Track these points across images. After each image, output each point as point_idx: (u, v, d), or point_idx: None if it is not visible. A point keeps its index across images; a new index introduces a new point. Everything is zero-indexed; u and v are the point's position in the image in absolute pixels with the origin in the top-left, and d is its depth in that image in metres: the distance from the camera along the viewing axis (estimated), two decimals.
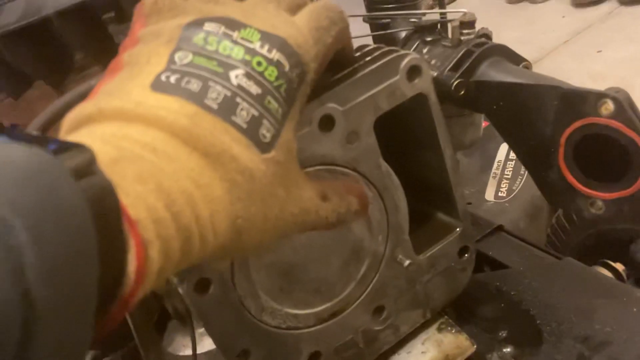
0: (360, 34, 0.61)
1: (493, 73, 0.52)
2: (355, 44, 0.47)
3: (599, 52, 2.43)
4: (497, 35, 0.60)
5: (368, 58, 0.43)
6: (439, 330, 0.54)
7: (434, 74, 0.55)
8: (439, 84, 0.54)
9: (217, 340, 0.42)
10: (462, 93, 0.53)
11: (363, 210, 0.39)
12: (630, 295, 0.53)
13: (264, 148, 0.30)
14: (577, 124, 0.44)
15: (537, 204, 1.04)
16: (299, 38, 0.32)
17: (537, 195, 0.50)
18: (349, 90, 0.41)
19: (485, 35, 0.58)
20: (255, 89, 0.30)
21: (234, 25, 0.31)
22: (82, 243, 0.20)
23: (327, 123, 0.40)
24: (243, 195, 0.28)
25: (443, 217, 0.53)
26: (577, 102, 0.44)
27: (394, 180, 0.45)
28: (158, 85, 0.28)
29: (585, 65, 2.36)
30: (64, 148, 0.22)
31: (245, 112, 0.29)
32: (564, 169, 0.46)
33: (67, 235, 0.19)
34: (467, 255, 0.52)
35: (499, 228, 0.70)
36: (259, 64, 0.30)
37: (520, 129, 0.50)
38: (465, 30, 0.57)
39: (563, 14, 2.86)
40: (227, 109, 0.28)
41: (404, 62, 0.42)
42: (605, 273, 0.62)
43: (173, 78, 0.29)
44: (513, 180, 1.08)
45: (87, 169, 0.22)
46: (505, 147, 1.01)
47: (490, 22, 0.74)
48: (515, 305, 0.56)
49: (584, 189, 0.45)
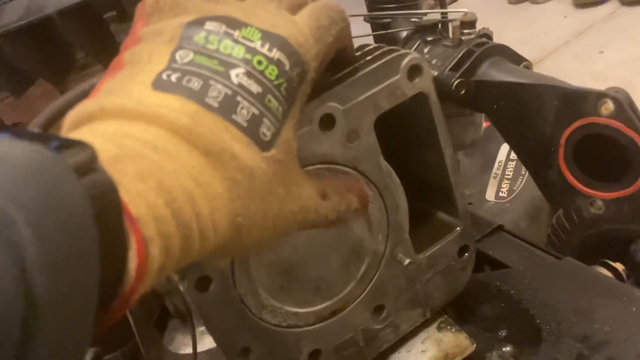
0: (361, 34, 0.61)
1: (494, 73, 0.52)
2: (356, 44, 0.47)
3: (601, 52, 2.43)
4: (498, 36, 0.60)
5: (369, 57, 0.43)
6: (439, 329, 0.54)
7: (435, 74, 0.56)
8: (440, 84, 0.54)
9: (217, 338, 0.42)
10: (462, 93, 0.53)
11: (363, 209, 0.39)
12: (630, 295, 0.53)
13: (264, 146, 0.30)
14: (577, 124, 0.44)
15: (537, 205, 1.04)
16: (300, 37, 0.32)
17: (537, 196, 0.50)
18: (350, 90, 0.41)
19: (486, 35, 0.58)
20: (256, 88, 0.30)
21: (235, 25, 0.31)
22: (83, 240, 0.20)
23: (327, 122, 0.40)
24: (243, 193, 0.29)
25: (443, 216, 0.53)
26: (577, 101, 0.44)
27: (394, 180, 0.45)
28: (159, 84, 0.28)
29: (587, 66, 2.35)
30: (66, 145, 0.22)
31: (246, 110, 0.29)
32: (564, 169, 0.46)
33: (68, 232, 0.20)
34: (467, 255, 0.52)
35: (499, 228, 0.70)
36: (260, 63, 0.30)
37: (521, 129, 0.50)
38: (466, 30, 0.58)
39: (565, 15, 2.86)
40: (227, 108, 0.29)
41: (405, 61, 0.42)
42: (605, 273, 0.62)
43: (174, 77, 0.29)
44: (514, 181, 1.08)
45: (88, 166, 0.22)
46: (506, 147, 1.01)
47: (492, 22, 0.74)
48: (515, 305, 0.56)
49: (584, 189, 0.45)
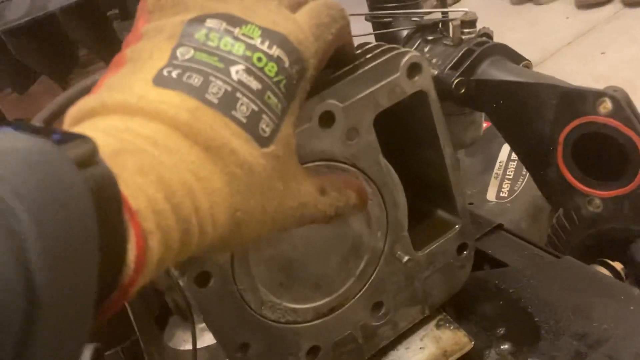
0: (362, 33, 0.62)
1: (493, 72, 0.52)
2: (357, 42, 0.47)
3: (603, 53, 2.42)
4: (500, 37, 0.60)
5: (369, 55, 0.43)
6: (438, 327, 0.54)
7: (435, 73, 0.56)
8: (440, 83, 0.54)
9: (216, 334, 0.43)
10: (462, 91, 0.54)
11: (362, 205, 0.39)
12: (628, 294, 0.53)
13: (263, 142, 0.30)
14: (575, 123, 0.44)
15: (538, 205, 1.04)
16: (300, 35, 0.32)
17: (538, 196, 0.51)
18: (349, 87, 0.41)
19: (486, 35, 0.59)
20: (256, 85, 0.30)
21: (235, 22, 0.31)
22: (83, 231, 0.20)
23: (327, 119, 0.40)
24: (242, 188, 0.29)
25: (442, 214, 0.53)
26: (575, 100, 0.44)
27: (394, 177, 0.46)
28: (160, 80, 0.29)
29: (589, 67, 2.35)
30: (67, 138, 0.23)
31: (245, 107, 0.30)
32: (563, 168, 0.47)
33: (68, 223, 0.20)
34: (466, 253, 0.52)
35: (499, 227, 0.70)
36: (260, 60, 0.31)
37: (520, 128, 0.50)
38: (466, 30, 0.58)
39: (567, 15, 2.85)
40: (227, 104, 0.29)
41: (405, 59, 0.42)
42: (604, 272, 0.62)
43: (175, 73, 0.29)
44: (515, 181, 1.08)
45: (89, 159, 0.22)
46: (508, 147, 1.01)
47: (494, 23, 0.74)
48: (514, 303, 0.57)
49: (582, 187, 0.46)
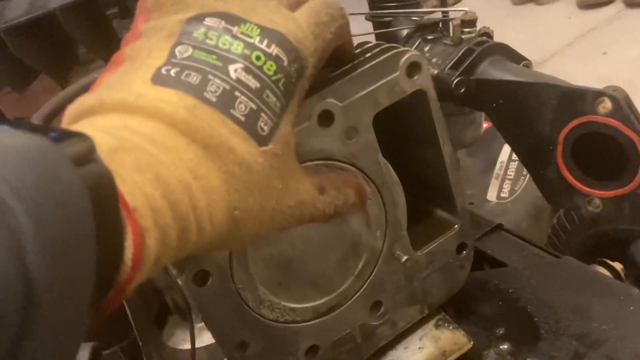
0: (363, 32, 0.62)
1: (493, 71, 0.52)
2: (357, 42, 0.47)
3: (604, 54, 2.42)
4: (502, 37, 0.60)
5: (368, 54, 0.43)
6: (437, 327, 0.54)
7: (435, 72, 0.56)
8: (440, 82, 0.54)
9: (215, 333, 0.43)
10: (462, 91, 0.54)
11: (361, 203, 0.39)
12: (628, 294, 0.53)
13: (262, 141, 0.30)
14: (575, 122, 0.44)
15: (539, 205, 1.04)
16: (299, 33, 0.32)
17: (539, 196, 0.50)
18: (349, 86, 0.41)
19: (486, 34, 0.59)
20: (254, 83, 0.30)
21: (234, 21, 0.31)
22: (80, 228, 0.21)
23: (326, 118, 0.40)
24: (240, 187, 0.29)
25: (442, 214, 0.53)
26: (575, 100, 0.44)
27: (393, 176, 0.46)
28: (158, 79, 0.29)
29: (591, 68, 2.35)
30: (65, 136, 0.23)
31: (244, 105, 0.30)
32: (562, 167, 0.47)
33: (66, 221, 0.20)
34: (465, 252, 0.52)
35: (499, 227, 0.70)
36: (258, 59, 0.31)
37: (520, 127, 0.50)
38: (467, 29, 0.58)
39: (569, 16, 2.85)
40: (225, 102, 0.29)
41: (404, 58, 0.42)
42: (604, 272, 0.62)
43: (173, 71, 0.29)
44: (515, 181, 1.08)
45: (86, 157, 0.22)
46: (508, 147, 1.01)
47: (496, 23, 0.74)
48: (513, 303, 0.56)
49: (582, 187, 0.46)
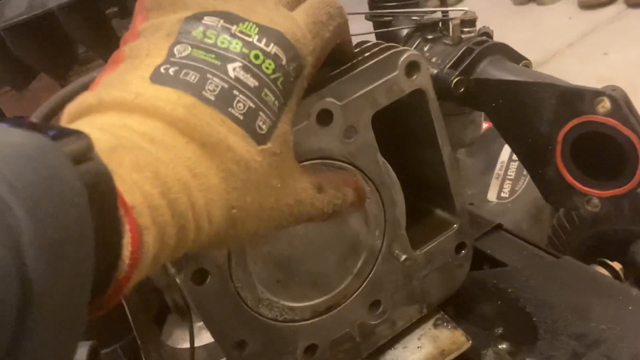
0: (363, 32, 0.62)
1: (493, 71, 0.52)
2: (356, 41, 0.47)
3: (605, 54, 2.42)
4: (503, 37, 0.60)
5: (367, 54, 0.43)
6: (435, 326, 0.54)
7: (434, 72, 0.56)
8: (439, 82, 0.54)
9: (213, 331, 0.43)
10: (461, 90, 0.53)
11: (359, 202, 0.39)
12: (627, 294, 0.53)
13: (260, 139, 0.30)
14: (574, 122, 0.44)
15: (539, 205, 1.04)
16: (297, 32, 0.32)
17: (539, 196, 0.50)
18: (348, 85, 0.41)
19: (486, 34, 0.58)
20: (253, 82, 0.30)
21: (233, 20, 0.31)
22: (78, 226, 0.21)
23: (325, 117, 0.40)
24: (238, 185, 0.29)
25: (441, 213, 0.53)
26: (574, 100, 0.44)
27: (391, 176, 0.46)
28: (157, 77, 0.29)
29: (591, 68, 2.35)
30: (63, 134, 0.23)
31: (242, 104, 0.30)
32: (561, 167, 0.47)
33: (63, 218, 0.20)
34: (464, 252, 0.52)
35: (498, 227, 0.70)
36: (257, 57, 0.31)
37: (519, 127, 0.50)
38: (466, 29, 0.58)
39: (569, 16, 2.85)
40: (224, 101, 0.29)
41: (403, 58, 0.42)
42: (603, 272, 0.62)
43: (172, 70, 0.29)
44: (516, 181, 1.08)
45: (85, 155, 0.22)
46: (509, 147, 1.01)
47: (497, 23, 0.74)
48: (512, 303, 0.57)
49: (581, 187, 0.46)
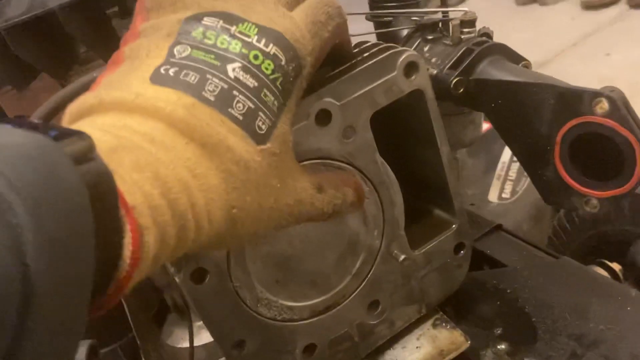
0: (363, 32, 0.62)
1: (492, 71, 0.52)
2: (356, 41, 0.47)
3: (608, 55, 2.42)
4: (505, 37, 0.60)
5: (366, 54, 0.43)
6: (434, 326, 0.54)
7: (434, 72, 0.56)
8: (439, 82, 0.54)
9: (212, 331, 0.43)
10: (461, 91, 0.53)
11: (359, 202, 0.39)
12: (625, 295, 0.53)
13: (260, 139, 0.30)
14: (572, 123, 0.44)
15: (540, 206, 1.04)
16: (296, 32, 0.33)
17: (540, 197, 0.51)
18: (347, 85, 0.41)
19: (486, 35, 0.59)
20: (252, 82, 0.30)
21: (232, 20, 0.31)
22: (79, 226, 0.21)
23: (324, 117, 0.40)
24: (238, 185, 0.29)
25: (439, 213, 0.53)
26: (572, 100, 0.44)
27: (390, 176, 0.46)
28: (157, 78, 0.29)
29: (593, 68, 2.35)
30: (64, 135, 0.23)
31: (242, 104, 0.30)
32: (560, 168, 0.47)
33: (64, 217, 0.20)
34: (463, 252, 0.52)
35: (498, 227, 0.70)
36: (256, 58, 0.31)
37: (518, 127, 0.50)
38: (466, 29, 0.58)
39: (572, 16, 2.85)
40: (223, 101, 0.29)
41: (402, 58, 0.42)
42: (602, 272, 0.62)
43: (172, 71, 0.29)
44: (517, 182, 1.08)
45: (86, 155, 0.23)
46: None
47: (499, 23, 0.74)
48: (511, 303, 0.57)
49: (579, 187, 0.46)
